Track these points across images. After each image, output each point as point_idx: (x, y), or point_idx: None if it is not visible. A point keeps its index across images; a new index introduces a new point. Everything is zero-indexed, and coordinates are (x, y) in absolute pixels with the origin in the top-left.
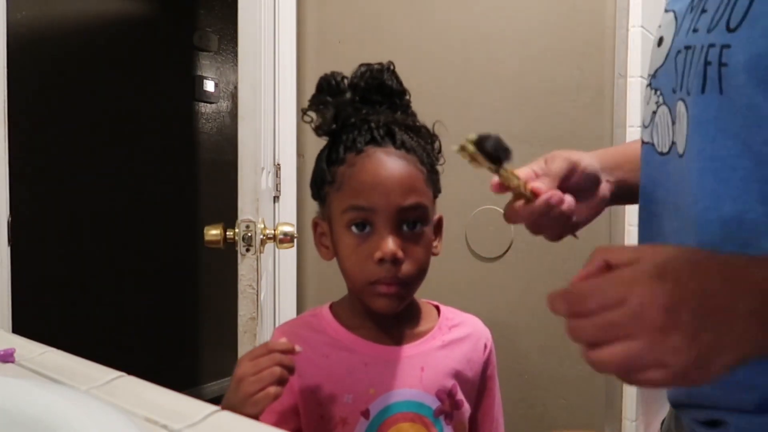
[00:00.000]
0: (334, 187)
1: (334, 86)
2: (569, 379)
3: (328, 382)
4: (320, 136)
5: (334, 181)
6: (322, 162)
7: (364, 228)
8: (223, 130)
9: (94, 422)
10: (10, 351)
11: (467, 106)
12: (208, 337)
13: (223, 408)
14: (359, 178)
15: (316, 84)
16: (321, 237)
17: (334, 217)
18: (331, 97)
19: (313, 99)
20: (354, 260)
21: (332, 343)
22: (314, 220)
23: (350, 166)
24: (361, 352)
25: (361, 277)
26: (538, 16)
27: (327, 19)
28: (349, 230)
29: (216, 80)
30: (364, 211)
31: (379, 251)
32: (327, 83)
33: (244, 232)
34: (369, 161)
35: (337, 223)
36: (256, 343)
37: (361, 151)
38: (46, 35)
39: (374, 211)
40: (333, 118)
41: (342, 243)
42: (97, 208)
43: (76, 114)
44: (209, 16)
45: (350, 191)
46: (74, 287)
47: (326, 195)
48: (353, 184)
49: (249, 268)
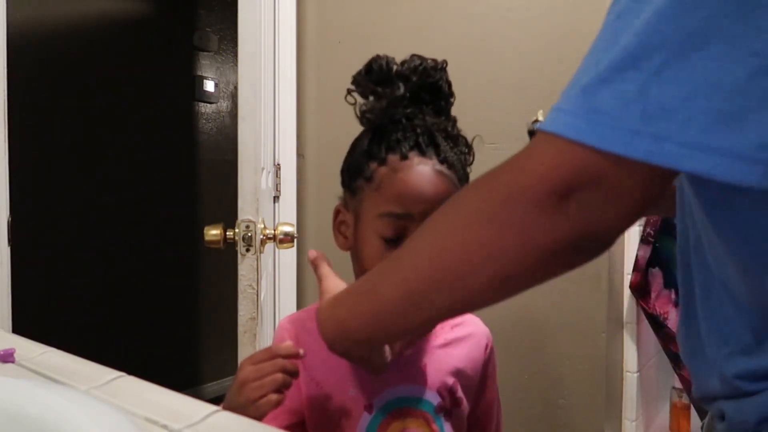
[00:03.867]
0: (372, 185)
1: (384, 73)
2: (569, 379)
3: (333, 375)
4: (364, 125)
5: (372, 180)
6: (361, 154)
7: (396, 236)
8: (223, 130)
9: (94, 422)
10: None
11: (467, 105)
12: (208, 337)
13: (223, 409)
14: (401, 187)
15: (366, 64)
16: (340, 225)
17: (366, 215)
18: (378, 84)
19: (361, 81)
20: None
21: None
22: (337, 208)
23: (393, 171)
24: None
25: None
26: (539, 16)
27: (327, 19)
28: (382, 235)
29: (216, 80)
30: (401, 219)
31: None
32: (378, 68)
33: (244, 232)
34: (412, 172)
35: (368, 221)
36: (256, 343)
37: (406, 157)
38: (46, 35)
39: (411, 220)
40: (383, 112)
41: (370, 243)
42: (97, 208)
43: (76, 114)
44: (209, 16)
45: (390, 197)
46: (74, 287)
47: (359, 189)
48: (394, 190)
49: (249, 268)
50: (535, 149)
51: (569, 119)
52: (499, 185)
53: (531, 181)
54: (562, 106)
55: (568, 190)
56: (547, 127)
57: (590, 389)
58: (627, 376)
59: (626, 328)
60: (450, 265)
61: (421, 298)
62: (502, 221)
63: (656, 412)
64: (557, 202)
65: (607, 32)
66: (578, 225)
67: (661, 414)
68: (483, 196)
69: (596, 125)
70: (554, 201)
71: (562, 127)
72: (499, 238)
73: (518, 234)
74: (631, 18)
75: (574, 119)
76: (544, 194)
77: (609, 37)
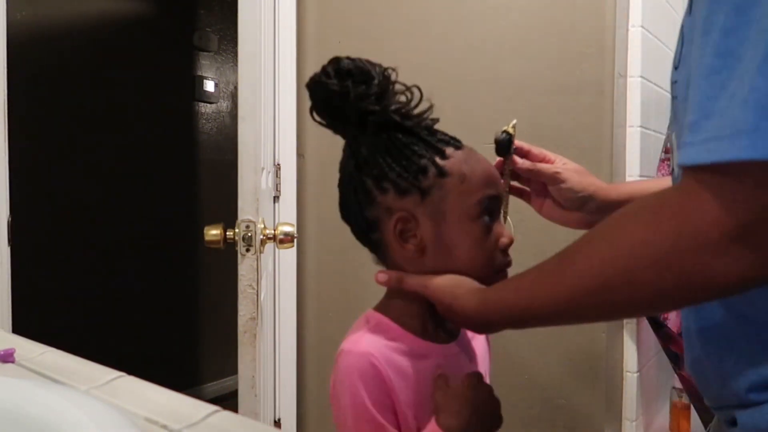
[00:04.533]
0: (453, 179)
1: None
2: (569, 379)
3: (419, 396)
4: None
5: (449, 174)
6: (411, 154)
7: (491, 217)
8: (223, 130)
9: (94, 422)
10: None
11: (467, 105)
12: (208, 337)
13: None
14: (484, 171)
15: (341, 67)
16: (403, 233)
17: (456, 207)
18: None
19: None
20: (483, 252)
21: (411, 353)
22: (401, 216)
23: (463, 161)
24: (434, 356)
25: (490, 266)
26: (538, 16)
27: (327, 19)
28: (480, 221)
29: (216, 80)
30: (496, 199)
31: (505, 238)
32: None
33: (244, 232)
34: (478, 157)
35: (462, 213)
36: (256, 343)
37: (460, 147)
38: (46, 35)
39: (500, 199)
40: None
41: (470, 232)
42: (97, 207)
43: (76, 114)
44: (209, 16)
45: (480, 183)
46: (74, 287)
47: (430, 188)
48: (481, 176)
49: (249, 268)
50: (699, 190)
51: (751, 141)
52: (664, 230)
53: (698, 230)
54: (720, 132)
55: (738, 233)
56: (721, 157)
57: (590, 389)
58: (627, 376)
59: (626, 328)
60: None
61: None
62: (670, 267)
63: (656, 412)
64: (730, 244)
65: (720, 49)
66: (751, 265)
67: (661, 414)
68: (645, 236)
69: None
70: (727, 244)
71: (750, 151)
72: (665, 279)
73: (686, 277)
74: (747, 31)
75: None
76: (714, 241)
77: (725, 53)
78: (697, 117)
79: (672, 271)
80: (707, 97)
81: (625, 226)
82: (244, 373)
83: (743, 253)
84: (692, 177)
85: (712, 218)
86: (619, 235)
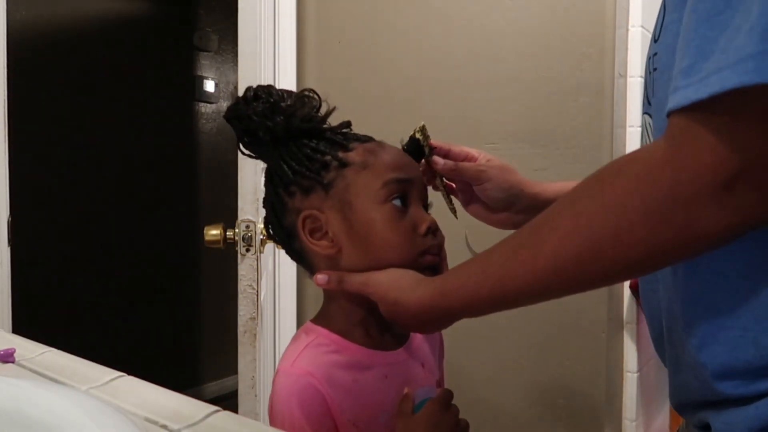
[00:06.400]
0: (354, 167)
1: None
2: (569, 379)
3: (364, 409)
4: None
5: (351, 164)
6: (312, 152)
7: (405, 201)
8: (223, 130)
9: (94, 422)
10: (10, 351)
11: (467, 105)
12: (208, 336)
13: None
14: (392, 156)
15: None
16: (313, 232)
17: (362, 193)
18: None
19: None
20: (399, 234)
21: (353, 365)
22: (307, 215)
23: (368, 150)
24: (379, 365)
25: (410, 251)
26: (538, 15)
27: (327, 19)
28: (389, 204)
29: (216, 80)
30: (405, 183)
31: (425, 222)
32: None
33: (244, 232)
34: (384, 145)
35: (369, 198)
36: (256, 343)
37: (368, 140)
38: (46, 35)
39: (412, 183)
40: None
41: (380, 216)
42: (97, 207)
43: (76, 114)
44: (209, 16)
45: (386, 166)
46: (74, 287)
47: (334, 180)
48: (387, 160)
49: (249, 268)
50: (694, 134)
51: (756, 64)
52: (657, 180)
53: (695, 176)
54: (722, 63)
55: (737, 175)
56: (721, 87)
57: (590, 389)
58: (627, 376)
59: (626, 328)
60: (597, 252)
61: (571, 268)
62: (663, 217)
63: (656, 412)
64: (724, 190)
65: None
66: (749, 208)
67: (661, 414)
68: (637, 189)
69: None
70: (721, 190)
71: (755, 75)
72: (659, 233)
73: (681, 229)
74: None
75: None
76: (712, 186)
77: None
78: (693, 60)
79: (670, 223)
80: (707, 40)
81: (613, 182)
82: (244, 373)
83: (746, 195)
84: (684, 121)
85: (712, 161)
86: (608, 191)
